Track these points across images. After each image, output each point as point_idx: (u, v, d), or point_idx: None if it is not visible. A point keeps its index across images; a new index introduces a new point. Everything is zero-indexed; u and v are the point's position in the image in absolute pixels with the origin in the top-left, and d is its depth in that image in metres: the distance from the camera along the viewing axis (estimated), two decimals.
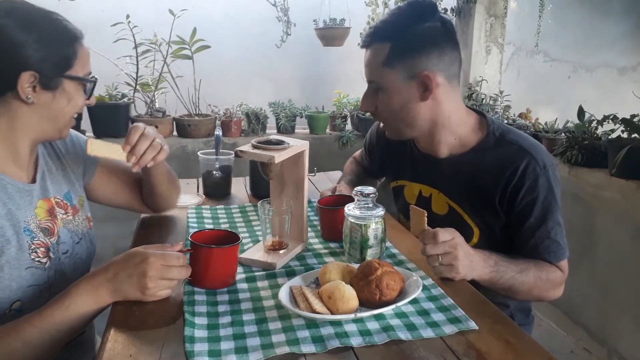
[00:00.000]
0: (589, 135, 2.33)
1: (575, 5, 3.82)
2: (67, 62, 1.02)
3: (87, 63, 1.07)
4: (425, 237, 1.05)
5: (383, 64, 1.21)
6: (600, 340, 2.31)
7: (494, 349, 0.84)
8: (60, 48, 1.01)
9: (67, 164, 1.20)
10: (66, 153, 1.21)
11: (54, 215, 1.10)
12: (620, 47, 3.97)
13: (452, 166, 1.30)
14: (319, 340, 0.85)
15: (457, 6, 3.16)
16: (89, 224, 1.22)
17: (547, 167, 1.21)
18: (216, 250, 1.03)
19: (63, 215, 1.13)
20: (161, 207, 1.41)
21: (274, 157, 1.09)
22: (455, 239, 1.05)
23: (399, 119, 1.26)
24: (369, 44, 1.25)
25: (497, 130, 1.28)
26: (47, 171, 1.14)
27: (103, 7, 3.12)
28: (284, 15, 3.19)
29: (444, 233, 1.04)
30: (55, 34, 1.01)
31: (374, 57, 1.23)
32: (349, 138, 3.13)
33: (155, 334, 0.87)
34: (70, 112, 1.06)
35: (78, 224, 1.17)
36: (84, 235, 1.18)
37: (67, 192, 1.17)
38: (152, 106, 2.96)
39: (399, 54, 1.20)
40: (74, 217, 1.16)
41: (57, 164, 1.18)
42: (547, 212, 1.21)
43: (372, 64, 1.24)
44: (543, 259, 1.22)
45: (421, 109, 1.24)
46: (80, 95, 1.06)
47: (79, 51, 1.04)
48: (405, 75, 1.21)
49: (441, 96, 1.23)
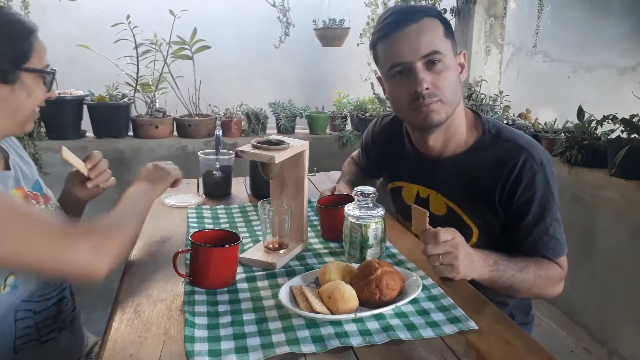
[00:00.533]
0: (588, 136, 2.33)
1: (575, 5, 3.82)
2: (24, 55, 1.03)
3: (44, 56, 1.08)
4: (426, 237, 1.05)
5: (445, 35, 1.21)
6: (600, 340, 2.31)
7: (494, 349, 0.84)
8: (16, 41, 1.02)
9: (27, 159, 1.23)
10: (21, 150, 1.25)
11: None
12: (619, 47, 3.97)
13: (449, 166, 1.30)
14: (319, 340, 0.85)
15: (457, 6, 3.16)
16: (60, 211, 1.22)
17: (544, 163, 1.21)
18: (216, 250, 1.03)
19: (36, 205, 1.14)
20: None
21: (274, 157, 1.09)
22: (456, 239, 1.05)
23: (455, 93, 1.24)
24: (419, 18, 1.20)
25: (492, 129, 1.29)
26: (17, 163, 1.17)
27: (103, 8, 3.13)
28: (284, 15, 3.19)
29: (445, 233, 1.04)
30: (9, 28, 1.02)
31: (433, 29, 1.20)
32: (349, 138, 3.13)
33: (155, 333, 0.87)
34: (30, 105, 1.07)
35: (52, 212, 1.18)
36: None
37: (36, 181, 1.20)
38: (153, 106, 2.96)
39: (449, 30, 1.23)
40: (46, 205, 1.17)
41: (19, 157, 1.20)
42: (545, 208, 1.21)
43: (434, 34, 1.20)
44: (542, 256, 1.22)
45: (460, 88, 1.26)
46: (40, 88, 1.07)
47: (34, 44, 1.04)
48: (454, 51, 1.24)
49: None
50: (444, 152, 1.32)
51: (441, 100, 1.21)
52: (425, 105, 1.20)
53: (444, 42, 1.20)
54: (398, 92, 1.24)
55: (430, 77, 1.19)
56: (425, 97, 1.19)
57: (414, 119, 1.27)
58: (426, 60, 1.19)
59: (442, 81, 1.20)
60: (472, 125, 1.31)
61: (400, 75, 1.22)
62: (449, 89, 1.21)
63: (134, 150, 2.84)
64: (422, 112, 1.22)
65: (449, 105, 1.23)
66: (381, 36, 1.23)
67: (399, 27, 1.19)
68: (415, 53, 1.18)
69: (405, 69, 1.20)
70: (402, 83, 1.22)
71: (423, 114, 1.22)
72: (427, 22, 1.20)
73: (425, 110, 1.21)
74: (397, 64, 1.21)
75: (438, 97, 1.20)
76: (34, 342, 1.09)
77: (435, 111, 1.22)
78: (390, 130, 1.49)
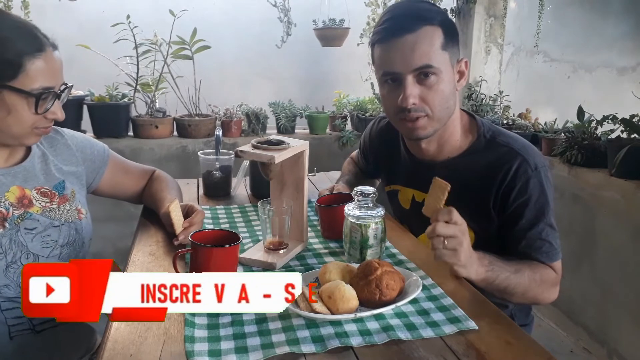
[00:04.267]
0: (588, 136, 2.33)
1: (575, 5, 3.82)
2: (8, 72, 1.02)
3: (42, 78, 1.06)
4: (440, 214, 1.01)
5: (442, 47, 1.17)
6: (600, 340, 2.31)
7: (494, 349, 0.84)
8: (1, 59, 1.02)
9: (71, 159, 1.26)
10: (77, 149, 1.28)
11: (23, 205, 1.13)
12: (619, 47, 3.97)
13: (444, 170, 1.28)
14: (319, 340, 0.85)
15: (457, 6, 3.16)
16: (79, 215, 1.23)
17: (538, 168, 1.20)
18: (216, 250, 1.03)
19: (45, 204, 1.16)
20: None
21: (274, 157, 1.09)
22: (465, 225, 1.02)
23: (445, 108, 1.21)
24: (417, 27, 1.16)
25: (487, 133, 1.28)
26: (42, 161, 1.20)
27: (103, 8, 3.13)
28: (285, 15, 3.19)
29: (459, 215, 1.01)
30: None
31: (430, 39, 1.16)
32: (349, 138, 3.13)
33: (155, 333, 0.87)
34: (14, 124, 1.07)
35: (62, 213, 1.19)
36: (67, 222, 1.19)
37: (61, 181, 1.21)
38: (153, 106, 2.96)
39: (449, 39, 1.19)
40: (58, 206, 1.19)
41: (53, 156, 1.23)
42: (540, 213, 1.20)
43: (429, 46, 1.16)
44: (535, 260, 1.20)
45: (455, 98, 1.24)
46: (25, 108, 1.06)
47: (26, 64, 1.03)
48: (452, 61, 1.20)
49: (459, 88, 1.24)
50: (437, 156, 1.32)
51: (428, 115, 1.20)
52: (411, 121, 1.21)
53: (441, 55, 1.17)
54: (387, 100, 1.24)
55: (420, 90, 1.18)
56: (412, 111, 1.19)
57: (401, 129, 1.29)
58: (417, 73, 1.17)
59: (432, 95, 1.18)
60: (467, 130, 1.30)
61: (392, 82, 1.21)
62: (439, 103, 1.19)
63: (134, 150, 2.84)
64: (407, 127, 1.23)
65: (436, 121, 1.22)
66: (378, 40, 1.21)
67: (395, 35, 1.17)
68: (407, 65, 1.16)
69: (396, 79, 1.19)
70: (391, 91, 1.22)
71: (408, 129, 1.23)
72: (425, 32, 1.16)
73: (411, 127, 1.22)
74: (388, 73, 1.20)
75: (425, 113, 1.20)
76: (28, 332, 1.13)
77: (421, 127, 1.22)
78: (387, 133, 1.49)
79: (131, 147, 2.85)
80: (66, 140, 1.28)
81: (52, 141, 1.26)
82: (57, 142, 1.27)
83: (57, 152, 1.26)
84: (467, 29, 3.13)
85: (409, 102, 1.17)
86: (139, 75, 2.87)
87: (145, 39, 2.81)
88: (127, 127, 2.95)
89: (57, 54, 1.10)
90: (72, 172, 1.26)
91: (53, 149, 1.25)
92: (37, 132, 1.12)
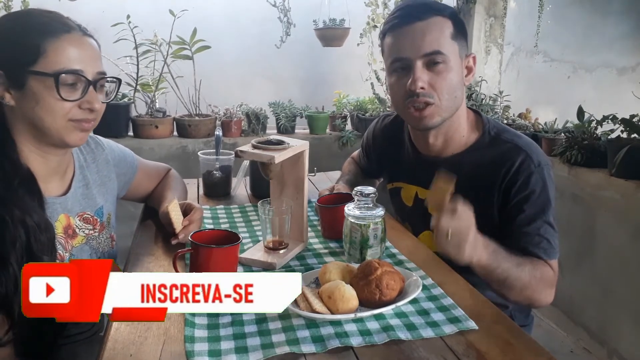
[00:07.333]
0: (588, 136, 2.33)
1: (575, 5, 3.82)
2: (29, 56, 0.96)
3: (65, 60, 0.98)
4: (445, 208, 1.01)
5: (452, 37, 1.21)
6: (600, 340, 2.31)
7: (494, 349, 0.84)
8: (20, 42, 0.96)
9: (110, 175, 1.24)
10: (114, 164, 1.27)
11: (68, 235, 1.10)
12: (619, 47, 3.97)
13: (448, 167, 1.29)
14: (319, 340, 0.85)
15: (457, 6, 3.16)
16: (112, 242, 1.23)
17: (541, 165, 1.21)
18: (216, 250, 1.03)
19: (89, 231, 1.14)
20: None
21: (274, 157, 1.09)
22: (471, 219, 1.02)
23: (453, 97, 1.23)
24: (428, 16, 1.19)
25: (492, 130, 1.28)
26: (84, 184, 1.16)
27: (103, 8, 3.12)
28: (285, 15, 3.20)
29: (465, 209, 1.01)
30: (15, 29, 0.98)
31: (440, 28, 1.20)
32: (349, 138, 3.13)
33: (155, 333, 0.87)
34: (45, 115, 0.98)
35: (101, 242, 1.18)
36: (103, 252, 1.19)
37: (100, 207, 1.19)
38: (153, 106, 2.96)
39: (459, 31, 1.22)
40: (99, 233, 1.17)
41: (94, 174, 1.20)
42: (540, 210, 1.20)
43: (439, 33, 1.19)
44: (533, 254, 1.19)
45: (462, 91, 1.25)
46: (50, 94, 0.96)
47: (47, 46, 0.96)
48: (460, 53, 1.23)
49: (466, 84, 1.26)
50: (443, 152, 1.32)
51: (435, 104, 1.21)
52: (418, 110, 1.22)
53: (450, 44, 1.20)
54: (395, 87, 1.26)
55: (429, 76, 1.19)
56: (420, 96, 1.20)
57: (408, 118, 1.29)
58: (427, 60, 1.19)
59: (440, 82, 1.20)
60: (473, 126, 1.31)
61: (401, 70, 1.23)
62: (447, 91, 1.21)
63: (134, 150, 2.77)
64: (414, 116, 1.23)
65: (444, 110, 1.23)
66: (388, 28, 1.24)
67: (406, 22, 1.20)
68: (416, 51, 1.19)
69: (405, 65, 1.21)
70: (400, 78, 1.23)
71: (415, 118, 1.24)
72: (435, 21, 1.20)
73: (418, 116, 1.23)
74: (398, 59, 1.22)
75: (432, 99, 1.21)
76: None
77: (428, 116, 1.23)
78: (391, 130, 1.49)
79: (131, 147, 2.78)
80: (106, 155, 1.26)
81: (94, 155, 1.23)
82: (99, 156, 1.24)
83: (98, 168, 1.22)
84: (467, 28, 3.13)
85: (417, 85, 1.18)
86: (139, 75, 2.87)
87: (145, 39, 2.81)
88: (127, 127, 2.95)
89: (90, 40, 1.04)
90: (108, 191, 1.25)
91: (95, 164, 1.22)
92: (76, 126, 1.02)
